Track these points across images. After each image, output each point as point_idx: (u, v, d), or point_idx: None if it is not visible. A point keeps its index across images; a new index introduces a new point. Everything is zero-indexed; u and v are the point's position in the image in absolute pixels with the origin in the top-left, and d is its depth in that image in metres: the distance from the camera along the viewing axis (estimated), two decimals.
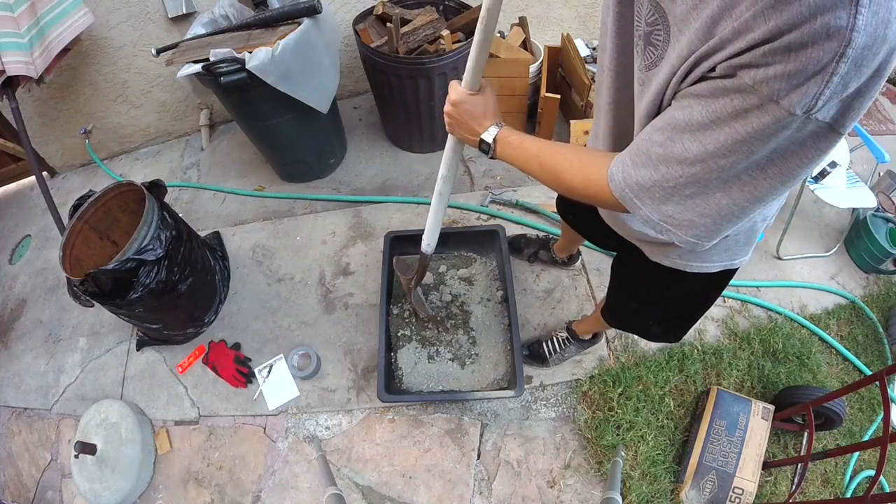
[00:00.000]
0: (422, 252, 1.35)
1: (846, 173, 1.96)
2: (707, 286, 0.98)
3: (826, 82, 0.42)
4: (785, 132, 0.47)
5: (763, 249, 2.06)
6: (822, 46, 0.41)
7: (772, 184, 0.53)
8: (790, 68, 0.43)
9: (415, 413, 1.70)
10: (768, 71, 0.44)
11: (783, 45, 0.43)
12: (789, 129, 0.46)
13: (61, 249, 1.59)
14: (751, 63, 0.45)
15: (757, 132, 0.48)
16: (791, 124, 0.46)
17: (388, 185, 2.33)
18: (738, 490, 1.46)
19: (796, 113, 0.45)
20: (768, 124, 0.47)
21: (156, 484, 1.69)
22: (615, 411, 1.62)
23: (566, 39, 2.21)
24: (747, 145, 0.49)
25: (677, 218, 0.60)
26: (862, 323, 1.92)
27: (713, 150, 0.52)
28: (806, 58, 0.42)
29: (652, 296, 1.08)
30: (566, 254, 1.87)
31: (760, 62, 0.45)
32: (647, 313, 1.15)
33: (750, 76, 0.46)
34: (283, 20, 1.78)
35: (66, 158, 2.70)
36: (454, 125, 0.91)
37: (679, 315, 1.10)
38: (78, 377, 1.94)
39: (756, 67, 0.45)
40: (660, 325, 1.17)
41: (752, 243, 0.85)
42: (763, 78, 0.45)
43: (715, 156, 0.52)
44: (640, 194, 0.61)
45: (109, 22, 2.15)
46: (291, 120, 1.98)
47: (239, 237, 2.22)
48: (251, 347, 1.89)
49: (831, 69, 0.42)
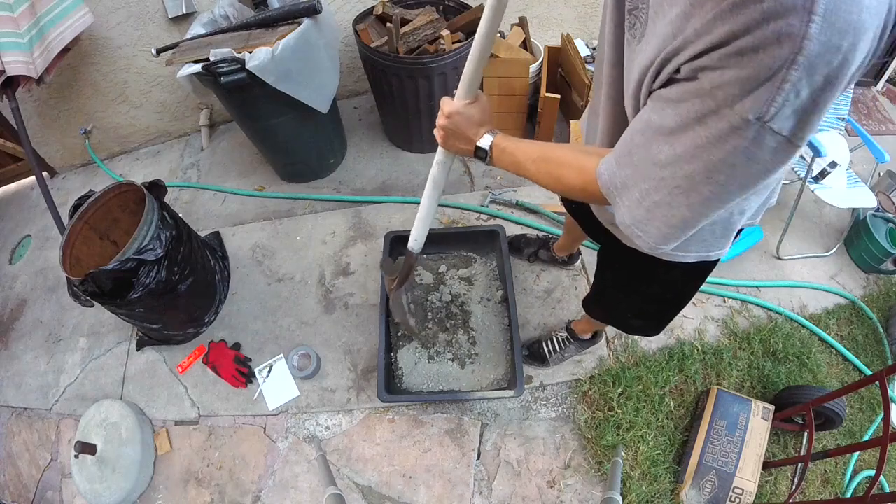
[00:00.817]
0: (408, 250, 1.28)
1: (846, 173, 1.97)
2: (684, 278, 0.99)
3: (777, 89, 0.42)
4: (741, 140, 0.47)
5: (763, 249, 2.06)
6: (774, 53, 0.41)
7: (732, 193, 0.53)
8: (743, 74, 0.43)
9: (415, 413, 1.70)
10: (724, 75, 0.45)
11: (736, 50, 0.43)
12: (745, 137, 0.46)
13: (61, 249, 1.59)
14: (709, 66, 0.46)
15: (715, 138, 0.48)
16: (746, 131, 0.46)
17: (388, 185, 2.33)
18: (738, 490, 1.46)
19: (749, 119, 0.45)
20: (725, 130, 0.47)
21: (156, 484, 1.69)
22: (615, 411, 1.62)
23: (566, 39, 2.21)
24: (708, 152, 0.50)
25: (645, 223, 0.61)
26: (862, 323, 1.92)
27: (680, 154, 0.52)
28: (758, 63, 0.42)
29: (630, 285, 1.09)
30: (566, 253, 1.87)
31: (717, 65, 0.45)
32: (625, 304, 1.17)
33: (708, 80, 0.46)
34: (283, 20, 1.78)
35: (66, 158, 2.70)
36: (448, 137, 0.89)
37: (656, 308, 1.12)
38: (78, 377, 1.94)
39: (713, 70, 0.45)
40: (638, 318, 1.19)
41: (730, 236, 0.85)
42: (719, 82, 0.45)
43: (681, 160, 0.52)
44: (622, 193, 0.62)
45: (109, 22, 2.15)
46: (291, 120, 1.98)
47: (239, 237, 2.22)
48: (251, 347, 1.89)
49: (782, 76, 0.42)
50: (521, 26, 2.27)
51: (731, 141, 0.47)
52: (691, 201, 0.55)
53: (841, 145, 1.96)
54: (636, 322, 1.22)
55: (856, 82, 0.48)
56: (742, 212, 0.80)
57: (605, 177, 0.64)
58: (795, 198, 1.91)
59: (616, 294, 1.18)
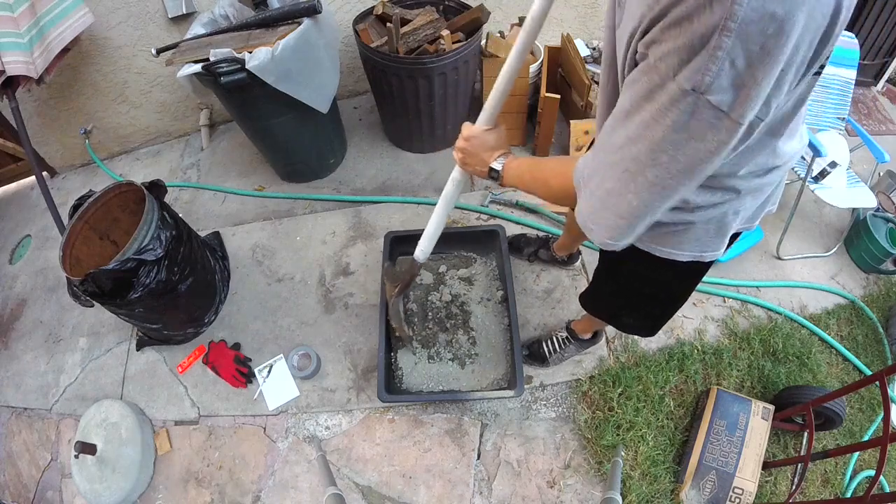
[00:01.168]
0: (413, 258, 1.34)
1: (846, 173, 1.97)
2: (678, 278, 0.99)
3: (711, 57, 0.42)
4: (679, 114, 0.47)
5: (763, 249, 2.06)
6: (705, 19, 0.41)
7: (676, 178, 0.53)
8: (679, 42, 0.44)
9: (415, 413, 1.70)
10: (664, 46, 0.45)
11: (673, 20, 0.44)
12: (683, 110, 0.47)
13: (61, 249, 1.59)
14: (654, 40, 0.47)
15: (658, 113, 0.49)
16: (683, 103, 0.46)
17: (388, 185, 2.33)
18: (738, 490, 1.46)
19: (686, 88, 0.45)
20: (665, 104, 0.47)
21: (156, 484, 1.69)
22: (615, 411, 1.62)
23: (566, 39, 2.21)
24: (651, 129, 0.50)
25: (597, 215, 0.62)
26: (862, 323, 1.92)
27: (630, 135, 0.53)
28: (692, 31, 0.43)
29: (624, 283, 1.10)
30: (566, 252, 1.87)
31: (659, 38, 0.46)
32: (619, 301, 1.18)
33: (654, 54, 0.47)
34: (283, 20, 1.78)
35: (66, 158, 2.70)
36: (466, 159, 0.98)
37: (650, 307, 1.12)
38: (78, 377, 1.94)
39: (657, 44, 0.46)
40: (632, 317, 1.20)
41: (724, 237, 0.84)
42: (661, 54, 0.46)
43: (630, 141, 0.53)
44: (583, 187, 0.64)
45: (109, 22, 2.15)
46: (291, 120, 1.98)
47: (239, 237, 2.22)
48: (251, 347, 1.89)
49: (715, 42, 0.42)
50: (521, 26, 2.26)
51: (671, 115, 0.48)
52: (638, 187, 0.55)
53: (841, 145, 1.97)
54: (629, 320, 1.22)
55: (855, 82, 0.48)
56: (736, 212, 0.79)
57: (577, 171, 0.66)
58: (795, 198, 1.91)
59: (610, 291, 1.18)
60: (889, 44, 2.73)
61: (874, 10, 2.61)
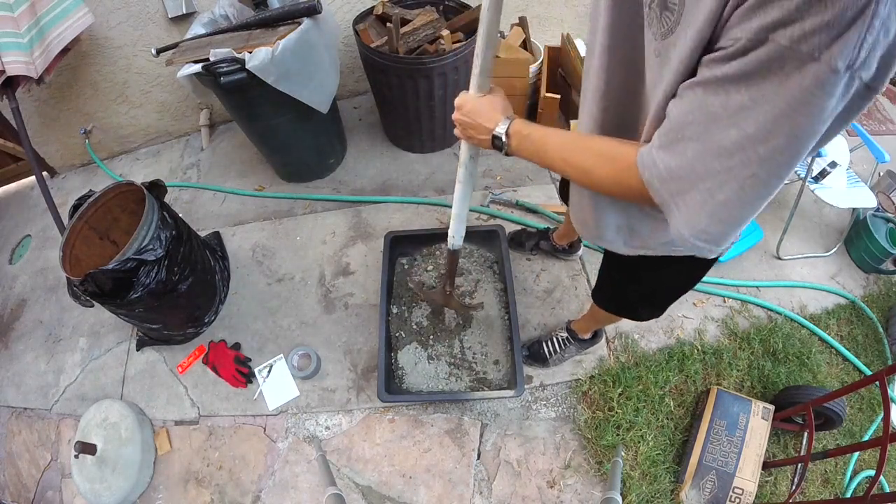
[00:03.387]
0: (448, 250, 1.33)
1: (846, 173, 1.97)
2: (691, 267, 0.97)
3: (867, 27, 0.38)
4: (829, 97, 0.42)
5: (763, 249, 2.06)
6: None
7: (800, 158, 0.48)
8: (827, 17, 0.39)
9: (415, 413, 1.70)
10: (804, 25, 0.40)
11: None
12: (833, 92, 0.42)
13: (61, 249, 1.59)
14: (782, 21, 0.41)
15: (799, 101, 0.43)
16: (835, 84, 0.41)
17: (388, 185, 2.33)
18: (738, 490, 1.46)
19: (838, 69, 0.40)
20: (811, 89, 0.42)
21: (156, 484, 1.69)
22: (615, 411, 1.62)
23: (566, 39, 2.21)
24: (791, 120, 0.44)
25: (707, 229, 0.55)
26: (862, 323, 1.92)
27: (753, 133, 0.47)
28: (843, 2, 0.38)
29: (639, 279, 1.08)
30: (567, 241, 1.86)
31: (793, 17, 0.40)
32: (634, 296, 1.16)
33: (786, 36, 0.41)
34: (283, 20, 1.78)
35: (66, 158, 2.70)
36: (465, 129, 0.89)
37: (666, 296, 1.11)
38: (78, 377, 1.94)
39: (790, 25, 0.41)
40: (646, 307, 1.18)
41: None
42: (800, 34, 0.40)
43: (756, 140, 0.47)
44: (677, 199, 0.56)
45: (109, 22, 2.15)
46: (291, 120, 1.98)
47: (239, 237, 2.22)
48: (251, 347, 1.89)
49: (871, 11, 0.38)
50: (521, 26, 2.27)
51: (818, 99, 0.42)
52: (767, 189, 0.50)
53: (841, 145, 1.97)
54: (644, 310, 1.21)
55: None
56: None
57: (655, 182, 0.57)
58: (795, 198, 1.91)
59: (625, 288, 1.17)
60: None
61: None
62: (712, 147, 0.50)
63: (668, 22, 0.54)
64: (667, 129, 0.56)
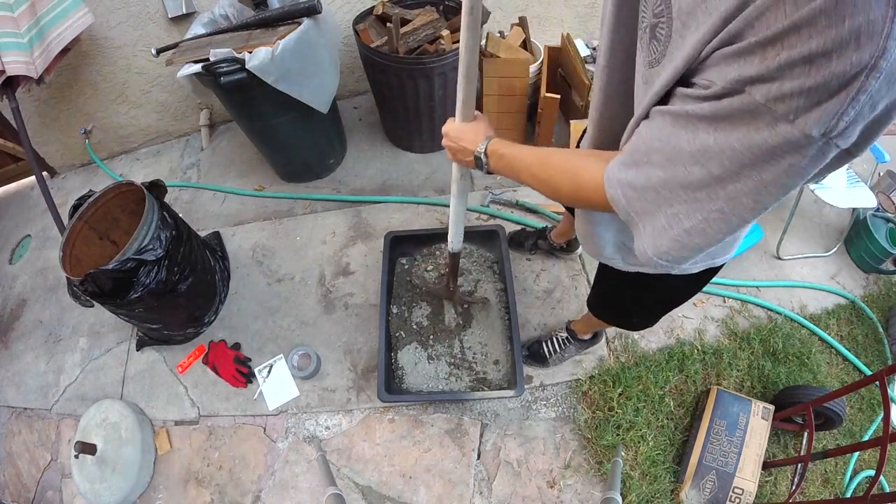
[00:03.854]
0: (450, 252, 1.43)
1: (846, 173, 1.97)
2: (690, 284, 0.99)
3: (851, 100, 0.36)
4: (800, 158, 0.41)
5: (763, 249, 2.06)
6: (848, 58, 0.35)
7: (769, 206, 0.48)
8: (809, 83, 0.37)
9: (415, 413, 1.70)
10: (783, 86, 0.38)
11: (802, 56, 0.36)
12: (805, 154, 0.40)
13: (61, 249, 1.59)
14: (762, 77, 0.39)
15: (767, 156, 0.42)
16: (807, 149, 0.40)
17: (388, 185, 2.33)
18: (738, 490, 1.46)
19: (812, 135, 0.39)
20: (780, 148, 0.41)
21: (156, 484, 1.69)
22: (615, 411, 1.62)
23: (566, 39, 2.21)
24: (756, 171, 0.44)
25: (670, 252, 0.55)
26: (862, 323, 1.92)
27: (718, 175, 0.46)
28: (828, 71, 0.36)
29: (635, 295, 1.10)
30: (564, 239, 1.86)
31: (774, 76, 0.38)
32: (632, 308, 1.18)
33: (761, 92, 0.40)
34: (283, 20, 1.78)
35: (66, 158, 2.70)
36: (454, 153, 0.95)
37: (661, 308, 1.14)
38: (78, 377, 1.94)
39: (769, 82, 0.39)
40: (641, 318, 1.22)
41: (736, 242, 0.83)
42: (777, 94, 0.39)
43: (721, 181, 0.47)
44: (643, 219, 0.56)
45: (109, 22, 2.15)
46: (291, 120, 1.98)
47: (239, 237, 2.22)
48: (251, 347, 1.89)
49: (858, 85, 0.35)
50: (521, 26, 2.26)
51: (788, 158, 0.41)
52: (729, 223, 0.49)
53: None
54: (638, 320, 1.24)
55: None
56: None
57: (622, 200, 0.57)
58: (795, 198, 1.91)
59: (620, 302, 1.19)
60: None
61: None
62: (677, 178, 0.50)
63: (654, 51, 0.53)
64: (634, 147, 0.56)
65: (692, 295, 1.06)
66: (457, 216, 1.26)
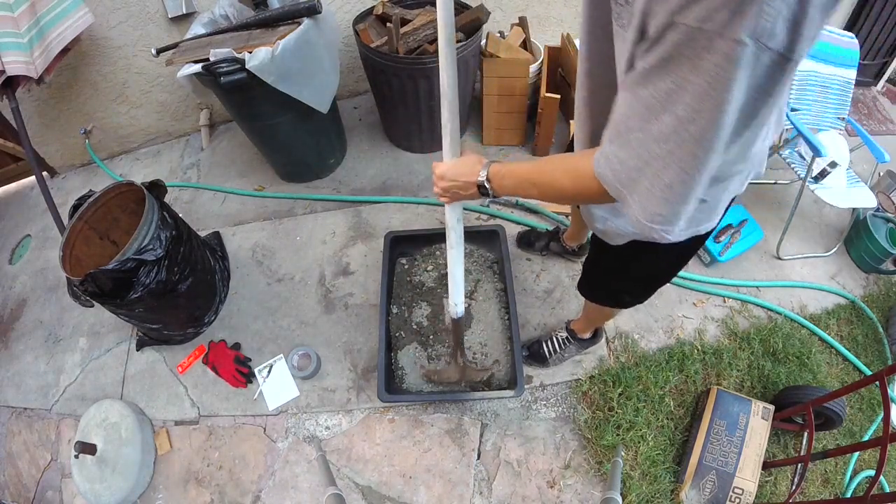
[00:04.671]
0: (452, 319, 1.37)
1: (846, 173, 1.97)
2: (677, 255, 1.00)
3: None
4: (740, 69, 0.44)
5: (763, 249, 2.06)
6: None
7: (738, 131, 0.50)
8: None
9: (415, 413, 1.70)
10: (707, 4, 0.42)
11: None
12: (743, 64, 0.43)
13: (61, 249, 1.59)
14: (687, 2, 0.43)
15: (715, 78, 0.45)
16: (743, 57, 0.43)
17: (388, 185, 2.33)
18: (738, 490, 1.46)
19: (743, 39, 0.42)
20: (723, 64, 0.44)
21: (156, 484, 1.69)
22: (615, 411, 1.62)
23: (566, 39, 2.21)
24: (711, 98, 0.47)
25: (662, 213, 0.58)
26: (862, 323, 1.92)
27: (683, 115, 0.49)
28: None
29: (623, 267, 1.10)
30: (577, 242, 1.87)
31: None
32: (622, 285, 1.19)
33: (693, 16, 0.43)
34: (283, 20, 1.78)
35: (66, 158, 2.70)
36: (454, 193, 0.94)
37: (650, 283, 1.15)
38: (78, 377, 1.94)
39: (695, 5, 0.43)
40: (631, 294, 1.22)
41: (720, 212, 0.83)
42: (704, 13, 0.43)
43: (686, 121, 0.49)
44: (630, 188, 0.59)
45: (109, 22, 2.15)
46: (291, 120, 1.98)
47: (239, 237, 2.22)
48: (251, 347, 1.89)
49: None
50: (521, 26, 2.26)
51: (731, 73, 0.44)
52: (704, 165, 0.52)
53: (841, 145, 1.96)
54: (628, 297, 1.24)
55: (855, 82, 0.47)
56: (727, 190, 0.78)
57: (609, 175, 0.61)
58: (795, 198, 1.91)
59: (609, 275, 1.20)
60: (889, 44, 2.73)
61: (874, 10, 2.61)
62: (652, 133, 0.53)
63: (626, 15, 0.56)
64: (614, 122, 0.59)
65: (680, 267, 1.07)
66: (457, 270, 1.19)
